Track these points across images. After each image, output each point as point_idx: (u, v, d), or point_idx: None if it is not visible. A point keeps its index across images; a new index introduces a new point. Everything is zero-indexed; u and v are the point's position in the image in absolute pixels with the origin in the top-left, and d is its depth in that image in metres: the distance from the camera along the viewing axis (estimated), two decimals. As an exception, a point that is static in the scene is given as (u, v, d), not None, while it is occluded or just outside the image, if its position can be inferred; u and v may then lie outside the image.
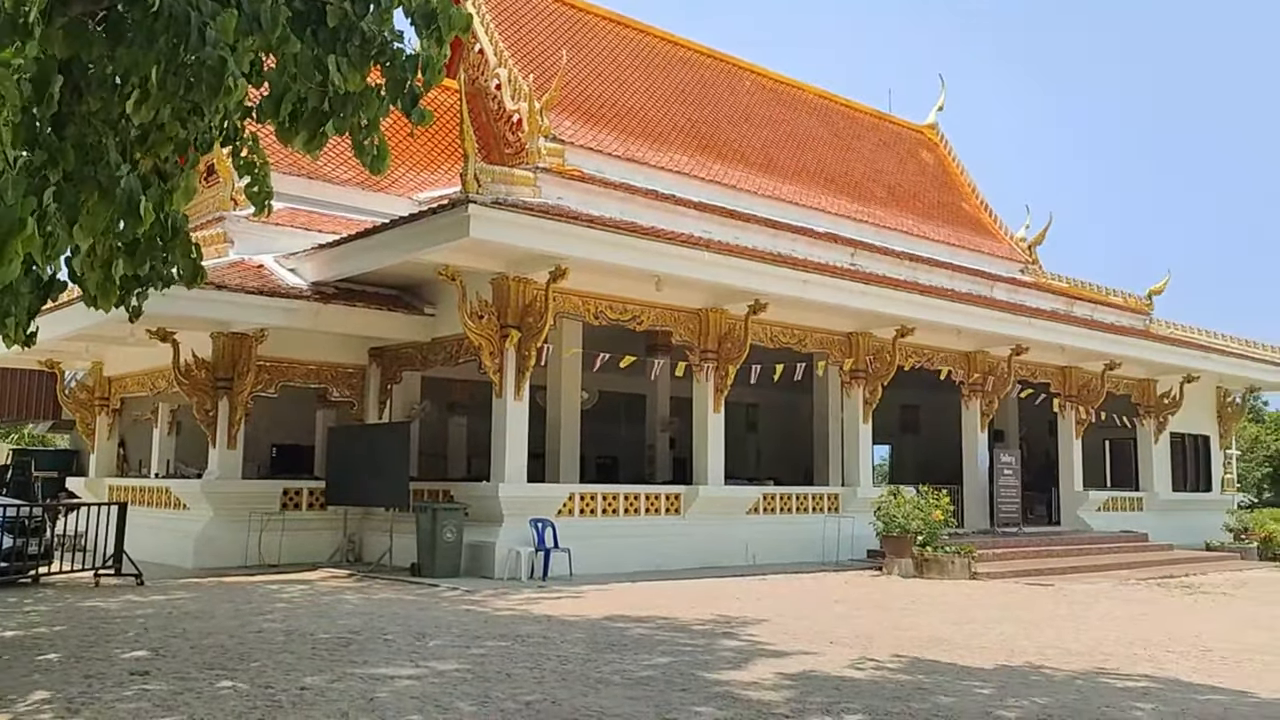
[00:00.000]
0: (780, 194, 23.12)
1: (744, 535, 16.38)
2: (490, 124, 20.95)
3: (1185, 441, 25.31)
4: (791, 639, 8.84)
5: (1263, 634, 10.34)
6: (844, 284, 16.56)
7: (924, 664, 7.85)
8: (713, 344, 16.10)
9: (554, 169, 17.15)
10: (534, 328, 13.79)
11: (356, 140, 6.34)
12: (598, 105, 21.63)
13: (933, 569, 15.45)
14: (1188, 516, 23.57)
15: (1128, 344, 22.00)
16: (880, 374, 18.30)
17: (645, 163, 20.44)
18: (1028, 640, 9.35)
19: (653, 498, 15.69)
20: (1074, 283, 26.56)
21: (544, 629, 9.02)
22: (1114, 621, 11.03)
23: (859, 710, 6.06)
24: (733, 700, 6.19)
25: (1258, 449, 37.66)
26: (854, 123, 28.93)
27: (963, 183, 30.47)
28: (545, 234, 12.88)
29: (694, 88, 24.84)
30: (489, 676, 6.75)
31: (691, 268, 14.56)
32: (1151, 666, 8.12)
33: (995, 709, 6.29)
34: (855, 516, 17.47)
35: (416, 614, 9.86)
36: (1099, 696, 6.78)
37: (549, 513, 14.06)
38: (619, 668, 7.19)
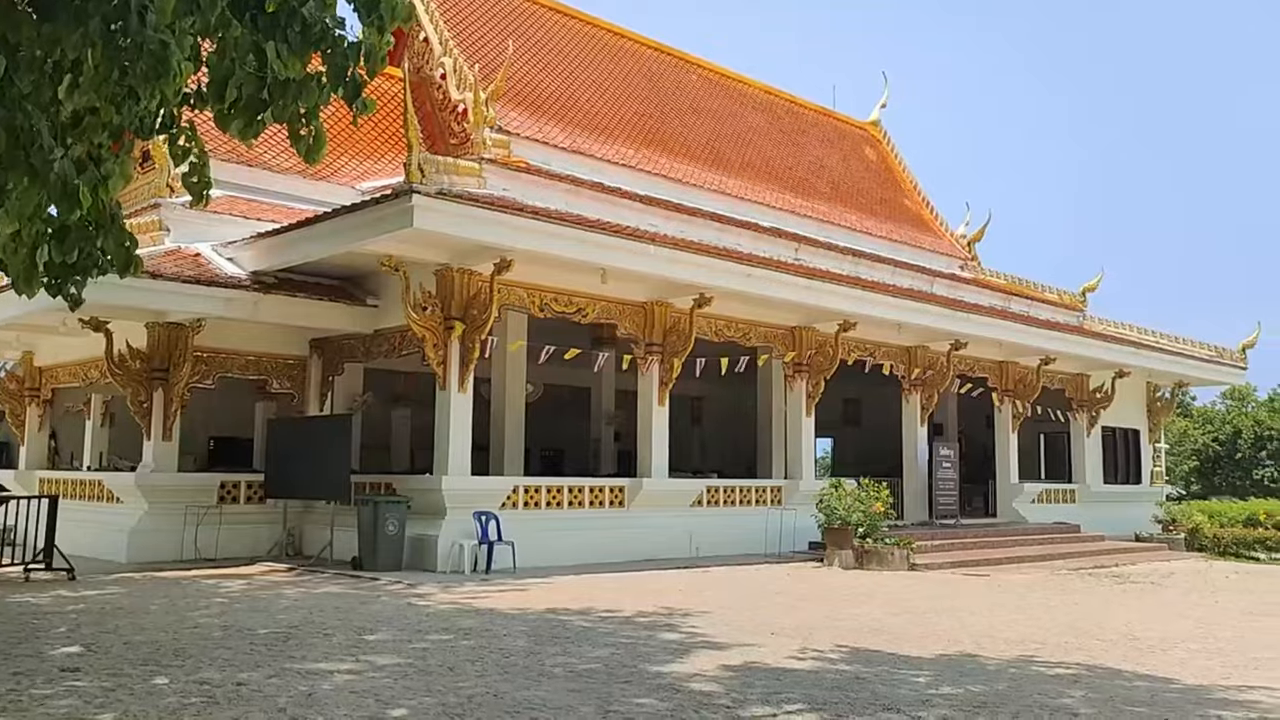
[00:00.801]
0: (726, 188, 23.23)
1: (688, 528, 16.47)
2: (435, 114, 20.73)
3: (1116, 435, 25.99)
4: (733, 630, 8.92)
5: (1187, 623, 10.67)
6: (788, 279, 16.70)
7: (863, 654, 7.97)
8: (658, 337, 16.15)
9: (499, 160, 17.04)
10: (478, 320, 13.72)
11: (293, 128, 6.23)
12: (544, 97, 21.52)
13: (873, 560, 15.69)
14: (1119, 508, 24.22)
15: (1062, 340, 22.50)
16: (823, 368, 18.50)
17: (592, 155, 20.40)
18: (963, 630, 9.54)
19: (597, 490, 15.70)
20: (1011, 279, 27.09)
21: (487, 622, 9.00)
22: (1047, 611, 11.29)
23: (799, 700, 6.14)
24: (674, 691, 6.23)
25: (1186, 443, 38.80)
26: (799, 118, 29.16)
27: (905, 179, 30.88)
28: (490, 225, 12.81)
29: (641, 80, 24.84)
30: (431, 670, 6.72)
31: (637, 261, 14.58)
32: (1082, 655, 8.33)
33: (931, 697, 6.41)
34: (798, 509, 17.66)
35: (357, 608, 9.76)
36: (1031, 684, 6.95)
37: (493, 505, 14.01)
38: (561, 660, 7.19)
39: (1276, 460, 37.07)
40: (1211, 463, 38.63)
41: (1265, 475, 36.57)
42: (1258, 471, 36.89)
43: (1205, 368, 26.76)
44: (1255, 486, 35.51)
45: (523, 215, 13.06)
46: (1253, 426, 38.05)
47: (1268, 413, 38.54)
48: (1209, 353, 26.87)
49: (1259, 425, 37.91)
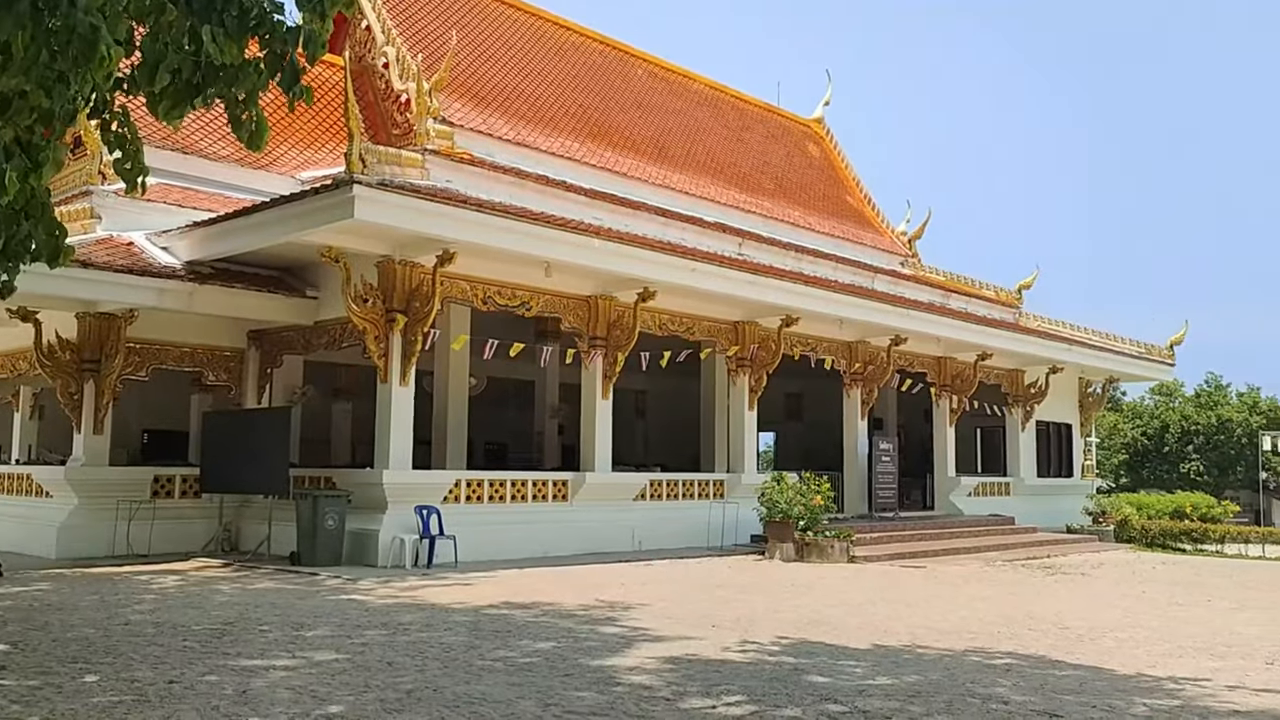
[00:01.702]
0: (671, 183, 23.29)
1: (631, 521, 16.51)
2: (378, 103, 20.49)
3: (1050, 429, 26.60)
4: (674, 623, 8.97)
5: (1115, 612, 10.97)
6: (731, 273, 16.80)
7: (802, 645, 8.07)
8: (602, 331, 16.14)
9: (443, 151, 16.89)
10: (420, 312, 13.59)
11: (233, 115, 6.10)
12: (489, 88, 21.38)
13: (813, 553, 15.88)
14: (1051, 501, 24.80)
15: (999, 336, 22.94)
16: (765, 362, 18.66)
17: (536, 148, 20.32)
18: (900, 621, 9.71)
19: (540, 484, 15.66)
20: (950, 276, 27.55)
21: (427, 617, 8.94)
22: (982, 602, 11.53)
23: (738, 692, 6.19)
24: (614, 685, 6.26)
25: (1116, 437, 39.81)
26: (744, 114, 29.33)
27: (848, 176, 31.23)
28: (433, 217, 12.69)
29: (587, 73, 24.78)
30: (369, 666, 6.66)
31: (581, 254, 14.56)
32: (1014, 644, 8.52)
33: (868, 687, 6.51)
34: (740, 502, 17.80)
35: (295, 604, 9.64)
36: (965, 673, 7.09)
37: (434, 499, 13.91)
38: (502, 655, 7.18)
39: (1202, 454, 38.17)
40: (1140, 456, 39.69)
41: (1191, 469, 37.65)
42: (1184, 465, 37.97)
43: (1135, 364, 27.47)
44: (1182, 480, 36.55)
45: (466, 207, 12.97)
46: (1179, 421, 39.18)
47: (1194, 408, 39.68)
48: (1138, 349, 27.60)
49: (1185, 420, 39.04)
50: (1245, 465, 35.98)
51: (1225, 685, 6.94)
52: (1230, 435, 37.66)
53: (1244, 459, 36.23)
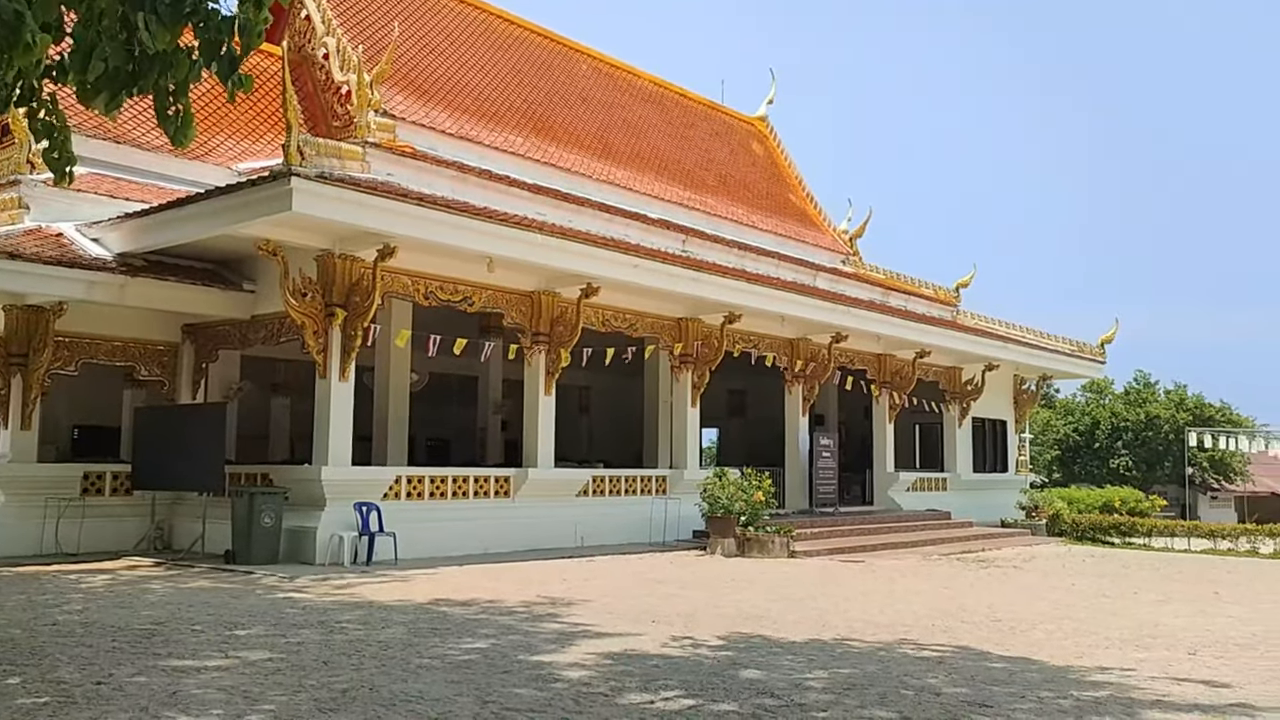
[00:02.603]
0: (615, 179, 23.29)
1: (573, 517, 16.50)
2: (318, 95, 20.17)
3: (986, 426, 27.14)
4: (615, 619, 9.00)
5: (1045, 604, 11.23)
6: (675, 270, 16.86)
7: (741, 640, 8.14)
8: (545, 327, 16.11)
9: (384, 144, 16.71)
10: (360, 307, 13.44)
11: (160, 106, 5.98)
12: (432, 81, 21.18)
13: (754, 548, 16.02)
14: (987, 495, 25.31)
15: (937, 334, 23.34)
16: (708, 359, 18.76)
17: (479, 142, 20.19)
18: (838, 615, 9.84)
19: (482, 480, 15.59)
20: (890, 274, 27.94)
21: (365, 615, 8.85)
22: (917, 595, 11.73)
23: (676, 687, 6.24)
24: (553, 681, 6.26)
25: (1049, 433, 40.73)
26: (688, 111, 29.42)
27: (791, 175, 31.50)
28: (373, 211, 12.54)
29: (531, 68, 24.67)
30: (304, 665, 6.58)
31: (524, 250, 14.50)
32: (947, 637, 8.69)
33: (803, 680, 6.60)
34: (683, 498, 17.89)
35: (229, 603, 9.48)
36: (898, 666, 7.22)
37: (374, 496, 13.77)
38: (441, 652, 7.14)
39: (1131, 450, 39.19)
40: (1072, 452, 40.64)
41: (1120, 464, 38.64)
42: (1114, 460, 38.97)
43: (1067, 361, 28.13)
44: (1111, 475, 37.49)
45: (407, 201, 12.84)
46: (1110, 418, 40.18)
47: (1124, 405, 40.71)
48: (1071, 347, 28.26)
49: (1116, 417, 40.05)
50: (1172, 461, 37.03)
51: (1149, 675, 7.15)
52: (1158, 432, 38.72)
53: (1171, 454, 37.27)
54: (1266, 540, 19.81)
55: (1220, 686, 6.82)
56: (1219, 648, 8.49)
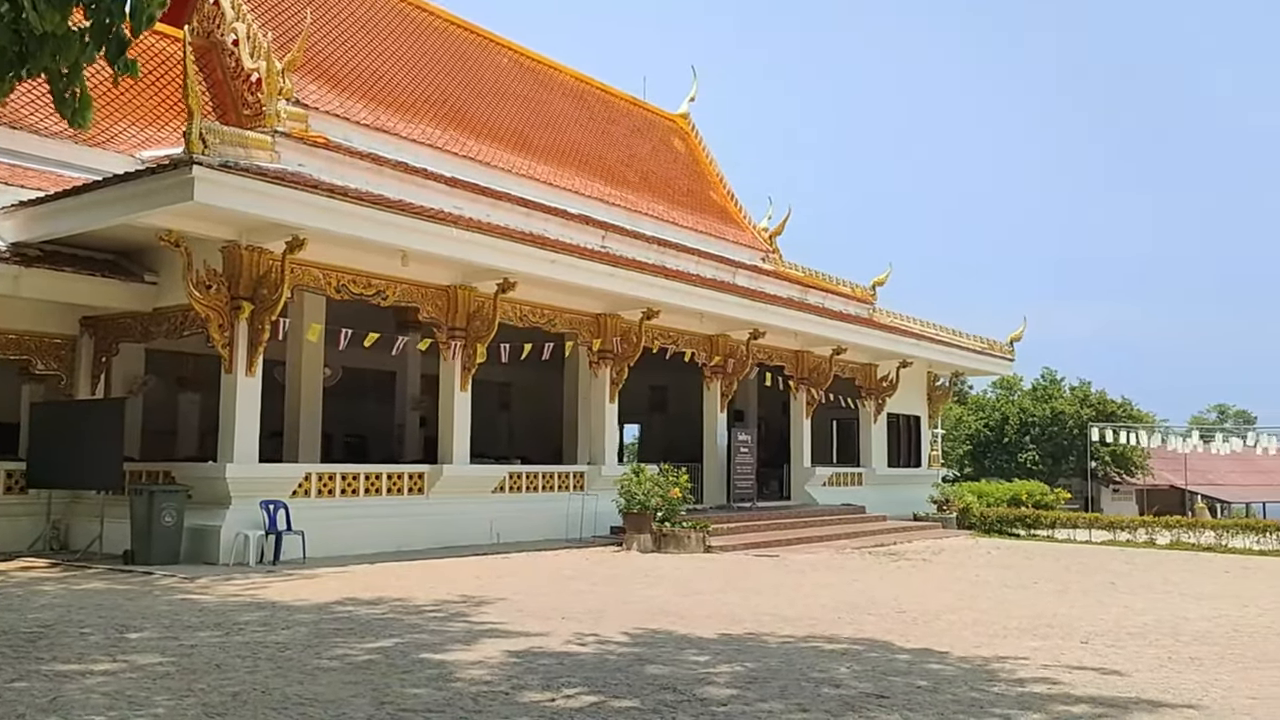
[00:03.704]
0: (534, 174, 23.13)
1: (489, 514, 16.35)
2: (227, 82, 19.61)
3: (900, 421, 27.67)
4: (525, 617, 8.93)
5: (950, 596, 11.48)
6: (592, 265, 16.81)
7: (649, 636, 8.14)
8: (461, 322, 15.93)
9: (295, 134, 16.31)
10: (268, 300, 13.11)
11: (56, 90, 5.73)
12: (346, 71, 20.76)
13: (671, 544, 16.07)
14: (900, 490, 25.81)
15: (854, 331, 23.71)
16: (627, 355, 18.76)
17: (395, 134, 19.85)
18: (747, 609, 9.92)
19: (395, 477, 15.34)
20: (809, 272, 28.30)
21: (266, 616, 8.63)
22: (827, 588, 11.89)
23: (579, 684, 6.20)
24: (453, 680, 6.17)
25: (961, 428, 41.71)
26: (609, 107, 29.36)
27: (712, 172, 31.67)
28: (280, 202, 12.23)
29: (449, 60, 24.35)
30: (195, 668, 6.38)
31: (438, 243, 14.32)
32: (853, 629, 8.82)
33: (709, 675, 6.62)
34: (600, 494, 17.87)
35: (123, 605, 9.16)
36: (802, 659, 7.29)
37: (282, 494, 13.45)
38: (341, 653, 6.99)
39: (1038, 444, 40.36)
40: (983, 447, 41.70)
41: (1028, 458, 39.77)
42: (1022, 455, 40.08)
43: (978, 359, 28.84)
44: (1020, 469, 38.58)
45: (316, 192, 12.55)
46: (1018, 414, 41.31)
47: (1031, 401, 41.89)
48: (982, 345, 28.97)
49: (1024, 412, 41.19)
50: (1076, 455, 38.23)
51: (1042, 664, 7.35)
52: (1063, 427, 39.94)
53: (1075, 449, 38.47)
54: (1163, 532, 20.56)
55: (1110, 674, 7.03)
56: (1111, 636, 8.77)
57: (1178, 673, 7.13)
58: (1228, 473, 48.54)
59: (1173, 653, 7.98)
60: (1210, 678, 6.96)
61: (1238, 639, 8.78)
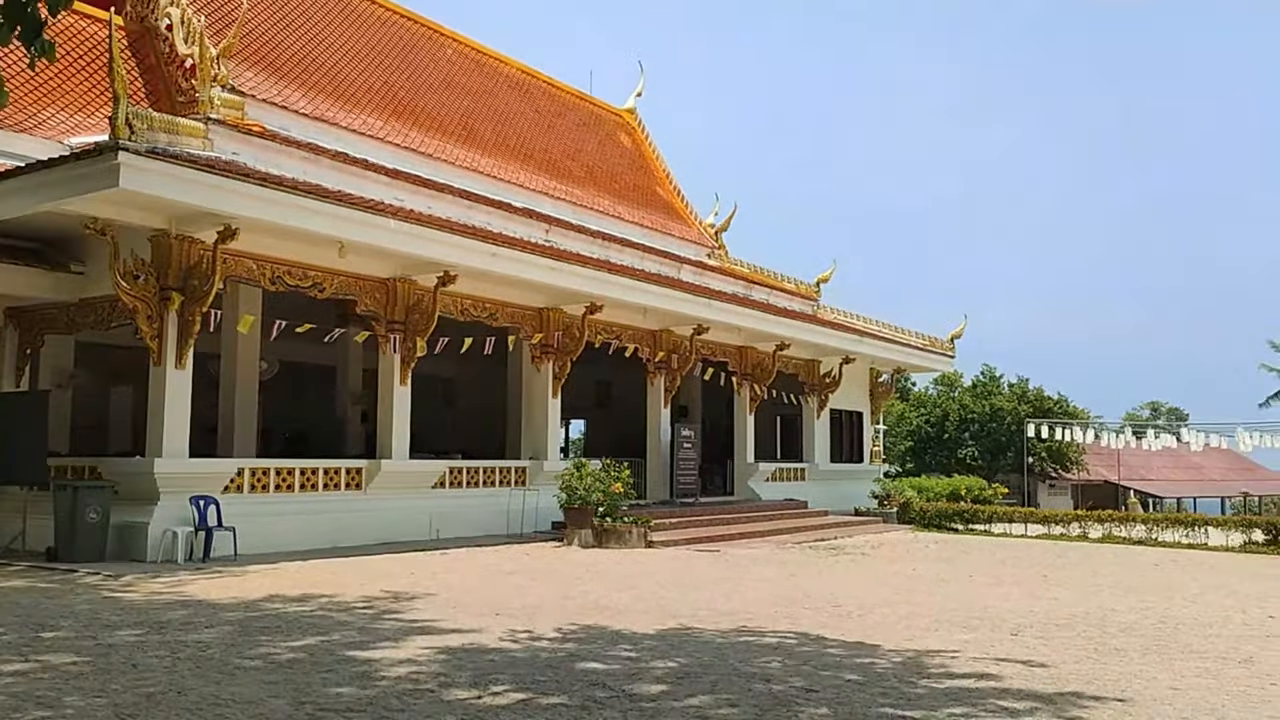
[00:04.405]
0: (479, 166, 22.89)
1: (429, 509, 16.17)
2: (161, 68, 19.09)
3: (843, 417, 27.90)
4: (458, 613, 8.81)
5: (886, 589, 11.57)
6: (534, 259, 16.67)
7: (583, 631, 8.08)
8: (400, 315, 15.72)
9: (230, 121, 15.93)
10: (199, 291, 12.79)
11: (-31, 72, 5.50)
12: (286, 59, 20.34)
13: (612, 539, 16.02)
14: (843, 485, 26.03)
15: (797, 327, 23.83)
16: (570, 349, 18.66)
17: (335, 123, 19.49)
18: (685, 604, 9.90)
19: (332, 472, 15.09)
20: (754, 268, 28.38)
21: (190, 614, 8.41)
22: (765, 583, 11.92)
23: (508, 681, 6.12)
24: (379, 679, 6.05)
25: (903, 424, 42.24)
26: (556, 101, 29.18)
27: (658, 168, 31.62)
28: (212, 190, 11.91)
29: (393, 50, 23.99)
30: (111, 668, 6.18)
31: (377, 235, 14.09)
32: (788, 623, 8.84)
33: (641, 671, 6.57)
34: (542, 490, 17.76)
35: (42, 603, 8.87)
36: (736, 654, 7.28)
37: (214, 489, 13.15)
38: (265, 651, 6.82)
39: (978, 440, 41.02)
40: (924, 443, 42.28)
41: (968, 454, 40.40)
42: (962, 451, 40.70)
43: (920, 355, 29.18)
44: (959, 464, 39.17)
45: (249, 181, 12.26)
46: (959, 410, 41.95)
47: (971, 397, 42.56)
48: (923, 342, 29.31)
49: (964, 409, 41.83)
50: (1014, 450, 38.89)
51: (972, 656, 7.42)
52: (1002, 423, 40.63)
53: (1013, 445, 39.14)
54: (1096, 526, 20.97)
55: (1037, 666, 7.12)
56: (1040, 628, 8.90)
57: (1102, 664, 7.23)
58: (1160, 468, 49.76)
59: (1099, 644, 8.10)
60: (1134, 669, 7.08)
61: (1163, 630, 8.95)
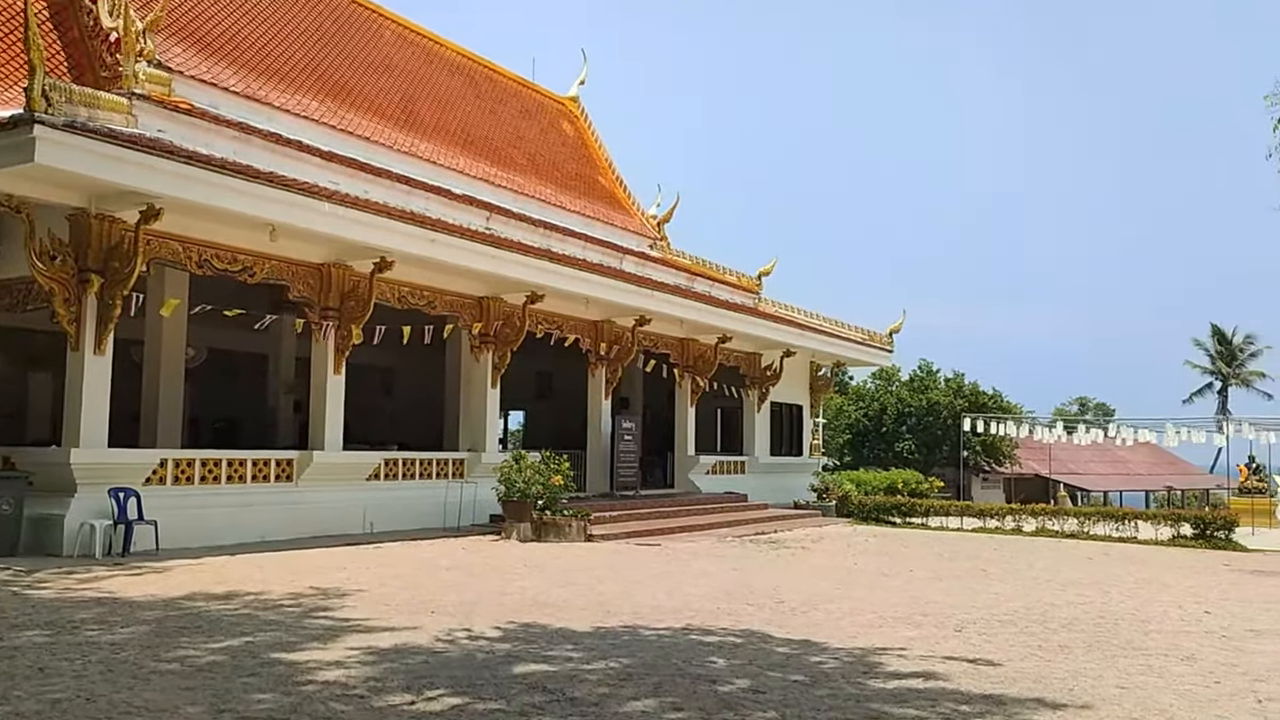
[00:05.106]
0: (417, 151, 22.37)
1: (363, 502, 15.76)
2: (85, 41, 18.24)
3: (783, 410, 27.93)
4: (391, 611, 8.49)
5: (828, 584, 11.48)
6: (474, 246, 16.29)
7: (522, 630, 7.82)
8: (335, 301, 15.26)
9: (156, 97, 15.28)
10: (120, 273, 12.22)
11: None
12: (217, 35, 19.61)
13: (551, 532, 15.74)
14: (782, 478, 26.06)
15: (739, 319, 23.73)
16: (510, 339, 18.32)
17: (268, 103, 18.85)
18: (626, 600, 9.68)
19: (262, 464, 14.58)
20: (696, 260, 28.25)
21: (105, 613, 7.96)
22: (707, 578, 11.75)
23: (443, 684, 5.84)
24: (305, 683, 5.72)
25: (841, 418, 42.48)
26: (498, 87, 28.70)
27: (600, 157, 31.31)
28: (134, 167, 11.35)
29: (330, 29, 23.32)
30: (15, 672, 5.77)
31: (310, 218, 13.60)
32: (731, 620, 8.67)
33: (581, 671, 6.34)
34: (480, 482, 17.43)
35: (-56, 602, 8.35)
36: (679, 653, 7.07)
37: (135, 481, 12.60)
38: (183, 654, 6.45)
39: (914, 434, 41.44)
40: (862, 436, 42.60)
41: (905, 448, 40.79)
42: (899, 444, 41.07)
43: (859, 349, 29.32)
44: (896, 458, 39.50)
45: (173, 158, 11.71)
46: (896, 404, 42.33)
47: (908, 391, 42.97)
48: (863, 336, 29.47)
49: (901, 403, 42.22)
50: (950, 444, 39.38)
51: (919, 655, 7.31)
52: (938, 417, 41.09)
53: (949, 439, 39.61)
54: (1029, 519, 21.22)
55: (984, 664, 7.03)
56: (984, 625, 8.85)
57: (1048, 662, 7.18)
58: (1088, 462, 50.84)
59: (1043, 641, 8.07)
60: (1080, 666, 7.03)
61: (1103, 626, 8.96)
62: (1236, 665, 7.24)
